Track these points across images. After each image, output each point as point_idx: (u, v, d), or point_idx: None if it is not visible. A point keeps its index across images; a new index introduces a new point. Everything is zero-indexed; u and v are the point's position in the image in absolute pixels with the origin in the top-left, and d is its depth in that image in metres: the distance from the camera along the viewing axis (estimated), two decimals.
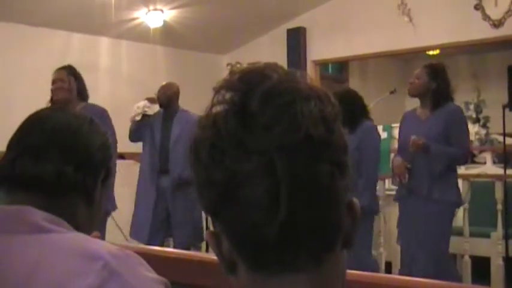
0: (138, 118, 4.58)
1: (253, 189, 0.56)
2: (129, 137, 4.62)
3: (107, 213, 3.66)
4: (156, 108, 4.64)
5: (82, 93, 3.74)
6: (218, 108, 0.60)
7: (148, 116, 4.61)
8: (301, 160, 0.57)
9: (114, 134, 3.51)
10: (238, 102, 0.59)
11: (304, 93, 0.60)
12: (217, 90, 0.62)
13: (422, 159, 3.47)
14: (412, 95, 3.66)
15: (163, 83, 4.73)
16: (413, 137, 3.45)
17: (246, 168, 0.56)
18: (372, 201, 3.78)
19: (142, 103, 4.63)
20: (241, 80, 0.61)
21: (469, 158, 3.74)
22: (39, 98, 3.72)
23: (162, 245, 4.49)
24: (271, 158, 0.56)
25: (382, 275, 3.61)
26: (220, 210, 0.60)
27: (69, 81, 3.64)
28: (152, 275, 0.94)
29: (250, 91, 0.59)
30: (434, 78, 3.52)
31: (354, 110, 3.78)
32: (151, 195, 4.55)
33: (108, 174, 1.12)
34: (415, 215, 3.52)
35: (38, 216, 0.95)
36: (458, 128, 3.51)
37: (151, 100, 4.65)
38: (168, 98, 4.58)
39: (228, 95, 0.60)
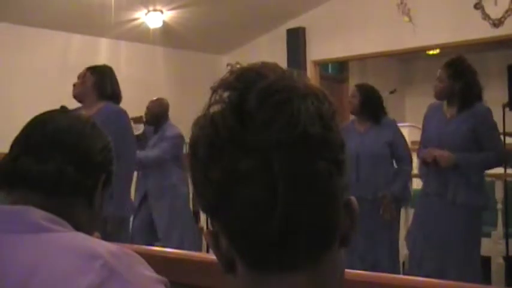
0: None
1: (251, 186, 0.57)
2: None
3: (124, 218, 3.43)
4: (141, 127, 4.66)
5: (100, 90, 3.40)
6: (216, 108, 0.61)
7: (135, 136, 4.62)
8: (298, 157, 0.57)
9: (131, 134, 3.43)
10: (235, 101, 0.59)
11: (301, 91, 0.60)
12: (214, 90, 0.62)
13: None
14: (438, 99, 3.47)
15: (154, 98, 4.74)
16: (438, 152, 3.29)
17: (243, 166, 0.57)
18: (405, 190, 3.86)
19: None
20: (238, 79, 0.61)
21: (505, 158, 3.44)
22: (40, 99, 3.73)
23: None
24: (269, 156, 0.56)
25: (383, 274, 3.60)
26: (219, 208, 0.60)
27: (84, 77, 3.41)
28: (152, 274, 0.95)
29: (248, 90, 0.59)
30: (457, 79, 3.32)
31: (378, 103, 3.88)
32: (138, 198, 4.60)
33: (109, 177, 1.13)
34: (437, 217, 3.35)
35: (38, 215, 0.95)
36: (488, 130, 3.29)
37: (136, 120, 4.66)
38: (154, 116, 4.61)
39: (225, 94, 0.61)
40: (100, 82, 3.43)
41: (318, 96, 0.61)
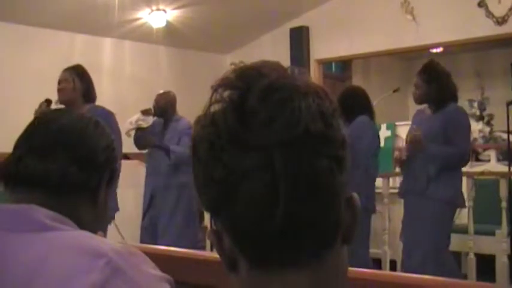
0: (131, 133, 4.62)
1: (252, 185, 0.57)
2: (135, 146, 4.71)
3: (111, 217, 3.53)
4: (150, 119, 4.68)
5: (88, 94, 3.60)
6: (216, 107, 0.61)
7: (144, 128, 4.63)
8: (299, 155, 0.57)
9: (119, 138, 3.48)
10: (236, 100, 0.60)
11: (302, 89, 0.60)
12: (215, 89, 0.62)
13: (419, 157, 3.49)
14: (418, 104, 3.68)
15: (160, 91, 4.76)
16: (413, 130, 3.49)
17: (245, 165, 0.57)
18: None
19: (135, 117, 4.66)
20: (239, 78, 0.62)
21: (466, 159, 3.64)
22: (43, 99, 3.73)
23: None
24: (270, 154, 0.57)
25: (387, 272, 3.61)
26: (221, 207, 0.60)
27: (74, 82, 3.53)
28: (156, 272, 0.95)
29: (248, 88, 0.60)
30: (431, 83, 3.50)
31: (353, 104, 3.88)
32: (147, 198, 4.61)
33: (113, 176, 1.13)
34: (412, 212, 3.56)
35: (43, 214, 0.96)
36: (456, 129, 3.47)
37: (145, 112, 4.68)
38: (161, 108, 4.65)
39: (226, 93, 0.61)
40: (89, 87, 3.61)
41: (319, 94, 0.61)
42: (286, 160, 0.57)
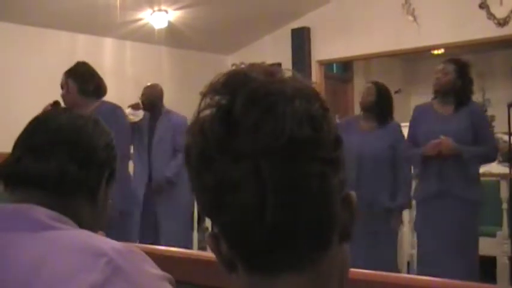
0: None
1: (241, 193, 0.57)
2: None
3: (129, 214, 3.44)
4: (141, 113, 4.67)
5: (85, 90, 3.45)
6: (205, 113, 0.61)
7: (135, 122, 4.63)
8: (286, 162, 0.57)
9: (127, 130, 3.45)
10: (223, 107, 0.60)
11: (288, 93, 0.59)
12: (204, 95, 0.62)
13: (452, 160, 3.38)
14: (437, 91, 3.55)
15: (148, 83, 4.76)
16: (442, 137, 3.37)
17: (233, 173, 0.57)
18: (409, 198, 3.79)
19: (126, 112, 4.66)
20: (225, 84, 0.61)
21: (497, 154, 3.82)
22: (44, 99, 3.72)
23: None
24: (257, 162, 0.56)
25: (388, 273, 3.60)
26: (214, 213, 0.61)
27: (67, 86, 3.47)
28: (156, 271, 0.95)
29: (235, 94, 0.59)
30: (461, 76, 3.49)
31: (388, 106, 3.84)
32: (141, 198, 4.59)
33: (112, 174, 1.13)
34: (445, 216, 3.40)
35: (42, 213, 0.95)
36: (484, 126, 3.52)
37: (134, 106, 4.67)
38: (150, 101, 4.63)
39: (213, 100, 0.61)
40: (83, 86, 3.47)
41: (307, 96, 0.60)
42: (273, 168, 0.56)
